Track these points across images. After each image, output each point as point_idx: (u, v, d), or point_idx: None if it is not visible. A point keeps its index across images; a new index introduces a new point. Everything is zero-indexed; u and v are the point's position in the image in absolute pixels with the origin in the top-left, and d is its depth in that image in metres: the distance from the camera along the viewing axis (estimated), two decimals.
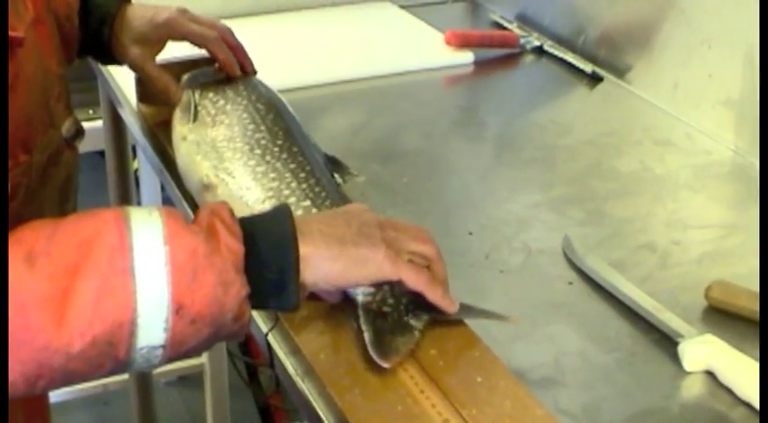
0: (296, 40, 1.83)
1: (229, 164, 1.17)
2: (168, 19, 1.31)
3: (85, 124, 2.11)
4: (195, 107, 1.28)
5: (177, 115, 1.30)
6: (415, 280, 0.95)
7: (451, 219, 1.29)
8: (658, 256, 1.21)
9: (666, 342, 1.04)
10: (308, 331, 1.01)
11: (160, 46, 1.34)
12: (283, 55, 1.73)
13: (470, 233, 1.24)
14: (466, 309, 1.01)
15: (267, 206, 1.10)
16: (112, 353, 0.81)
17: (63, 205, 1.07)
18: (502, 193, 1.36)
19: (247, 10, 1.90)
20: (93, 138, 2.06)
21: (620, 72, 1.69)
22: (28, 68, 0.94)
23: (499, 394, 0.91)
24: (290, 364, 0.98)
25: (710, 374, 1.00)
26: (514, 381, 0.93)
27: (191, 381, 2.62)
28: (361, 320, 0.98)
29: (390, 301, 1.00)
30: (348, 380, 0.93)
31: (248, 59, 1.37)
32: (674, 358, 1.02)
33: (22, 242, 0.81)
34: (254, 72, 1.37)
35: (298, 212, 1.08)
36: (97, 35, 1.29)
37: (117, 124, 1.84)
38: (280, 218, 0.92)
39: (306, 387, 0.95)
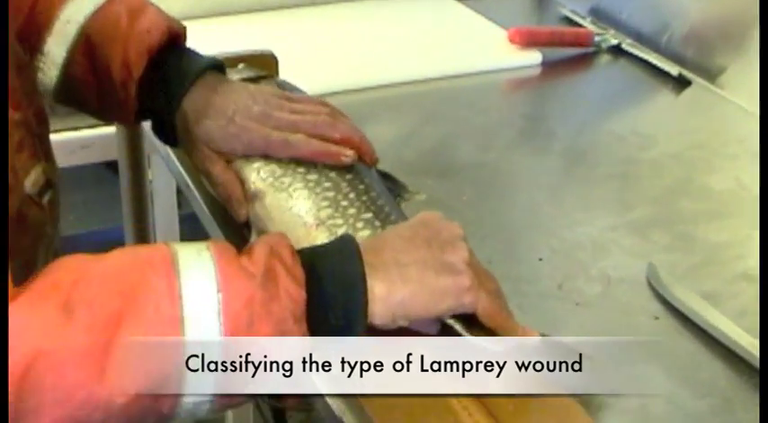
0: (339, 38, 1.85)
1: (277, 167, 1.19)
2: (244, 128, 1.17)
3: (94, 131, 2.15)
4: None
5: None
6: (490, 313, 0.96)
7: (518, 243, 1.30)
8: (758, 287, 1.20)
9: None
10: None
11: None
12: (325, 54, 1.75)
13: (540, 259, 1.24)
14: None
15: (323, 216, 1.11)
16: (156, 407, 0.83)
17: (28, 269, 0.97)
18: (575, 214, 1.36)
19: (283, 1, 1.91)
20: (103, 147, 2.08)
21: (711, 75, 1.69)
22: None
23: None
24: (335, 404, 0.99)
25: None
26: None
27: None
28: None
29: None
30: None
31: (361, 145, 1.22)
32: None
33: (58, 288, 0.82)
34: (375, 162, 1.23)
35: (358, 225, 1.09)
36: (160, 118, 1.21)
37: (131, 130, 1.85)
38: (346, 252, 0.92)
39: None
